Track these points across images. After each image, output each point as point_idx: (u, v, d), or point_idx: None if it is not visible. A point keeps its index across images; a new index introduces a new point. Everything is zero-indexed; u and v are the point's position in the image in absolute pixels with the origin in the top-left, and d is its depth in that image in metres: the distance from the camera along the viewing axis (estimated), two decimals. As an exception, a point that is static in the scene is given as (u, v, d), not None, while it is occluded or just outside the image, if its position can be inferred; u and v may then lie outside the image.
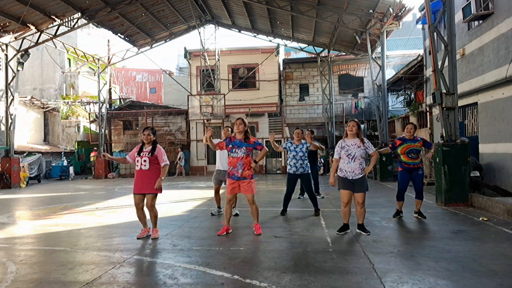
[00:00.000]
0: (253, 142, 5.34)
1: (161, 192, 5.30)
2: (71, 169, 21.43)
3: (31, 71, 26.23)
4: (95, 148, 21.14)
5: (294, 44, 21.33)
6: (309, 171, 6.91)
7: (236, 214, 6.89)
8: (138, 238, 5.26)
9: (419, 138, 6.29)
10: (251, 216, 5.59)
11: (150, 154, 5.19)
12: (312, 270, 3.74)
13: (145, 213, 5.41)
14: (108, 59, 21.60)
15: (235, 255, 4.34)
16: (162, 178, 5.21)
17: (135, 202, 5.31)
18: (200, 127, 22.02)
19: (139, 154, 5.24)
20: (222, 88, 21.19)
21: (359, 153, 5.11)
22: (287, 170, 7.06)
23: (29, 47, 15.95)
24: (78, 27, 16.78)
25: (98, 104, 21.35)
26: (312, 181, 7.56)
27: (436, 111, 12.55)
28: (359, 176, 5.10)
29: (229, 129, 6.94)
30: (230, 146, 5.32)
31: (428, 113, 14.64)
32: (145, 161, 5.18)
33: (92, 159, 21.22)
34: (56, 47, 17.71)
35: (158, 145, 5.35)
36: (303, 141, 6.92)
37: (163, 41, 21.26)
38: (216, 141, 6.77)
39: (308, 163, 6.90)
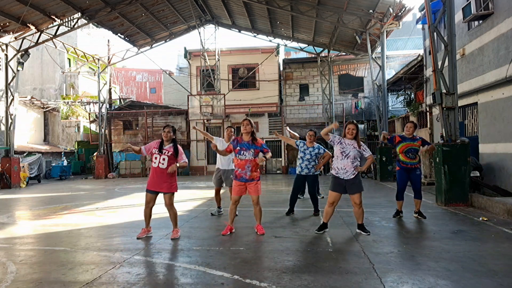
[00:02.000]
0: (261, 145, 5.32)
1: (176, 190, 5.30)
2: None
3: (31, 71, 26.22)
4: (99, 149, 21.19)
5: (294, 44, 21.33)
6: (315, 173, 6.91)
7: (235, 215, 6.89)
8: (138, 238, 5.25)
9: (418, 138, 6.31)
10: (252, 217, 5.59)
11: (170, 153, 5.17)
12: (312, 270, 3.74)
13: (152, 213, 5.40)
14: (108, 59, 21.61)
15: (235, 255, 4.34)
16: (178, 165, 5.16)
17: (146, 200, 5.28)
18: (200, 127, 21.99)
19: (160, 151, 5.19)
20: (222, 88, 21.19)
21: (354, 153, 5.11)
22: (296, 170, 7.12)
23: (29, 47, 15.95)
24: (78, 27, 16.78)
25: (98, 104, 21.36)
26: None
27: (436, 111, 12.55)
28: (352, 176, 5.09)
29: (232, 129, 6.92)
30: (238, 148, 5.29)
31: (428, 113, 14.63)
32: (164, 159, 5.16)
33: (94, 158, 21.21)
34: (56, 47, 17.72)
35: (178, 145, 5.33)
36: (315, 144, 6.89)
37: (163, 41, 21.26)
38: (218, 139, 6.76)
39: (314, 166, 6.89)
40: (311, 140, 6.86)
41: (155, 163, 5.20)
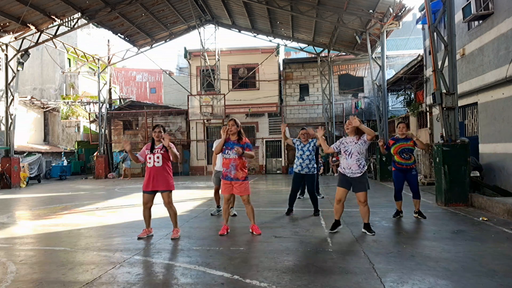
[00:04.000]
0: (244, 143, 5.33)
1: (173, 188, 5.31)
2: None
3: (31, 71, 26.22)
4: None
5: (294, 44, 21.33)
6: (314, 172, 6.89)
7: (234, 215, 6.89)
8: (138, 238, 5.25)
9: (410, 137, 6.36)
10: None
11: (162, 150, 5.19)
12: (312, 270, 3.74)
13: (151, 213, 5.40)
14: (108, 59, 21.61)
15: (235, 255, 4.34)
16: (171, 146, 5.11)
17: (144, 201, 5.28)
18: (200, 127, 22.04)
19: (151, 151, 5.22)
20: (222, 88, 21.19)
21: (356, 149, 5.14)
22: (293, 169, 7.04)
23: (29, 47, 15.95)
24: (78, 27, 16.78)
25: (98, 104, 21.37)
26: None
27: (436, 111, 12.54)
28: (358, 174, 5.12)
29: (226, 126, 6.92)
30: (224, 147, 5.34)
31: (428, 113, 14.63)
32: (158, 157, 5.18)
33: (94, 158, 21.20)
34: (56, 47, 17.72)
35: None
36: (310, 140, 6.92)
37: (163, 41, 21.27)
38: (216, 141, 6.78)
39: (314, 164, 6.87)
40: (305, 138, 6.89)
41: (150, 163, 5.21)
